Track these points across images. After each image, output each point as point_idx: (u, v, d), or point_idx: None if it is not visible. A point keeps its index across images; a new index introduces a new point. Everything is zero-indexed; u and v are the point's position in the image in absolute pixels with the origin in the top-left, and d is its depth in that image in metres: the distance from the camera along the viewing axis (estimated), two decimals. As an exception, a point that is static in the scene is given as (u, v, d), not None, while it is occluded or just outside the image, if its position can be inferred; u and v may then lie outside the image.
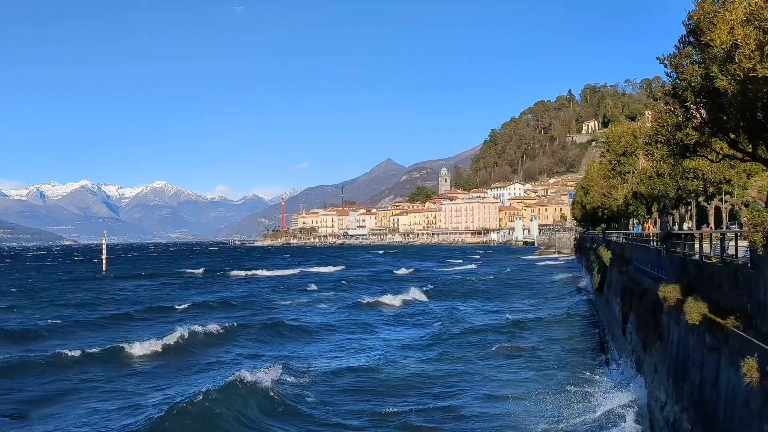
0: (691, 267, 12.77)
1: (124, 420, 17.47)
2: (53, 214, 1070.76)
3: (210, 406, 17.64)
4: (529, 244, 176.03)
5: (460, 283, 61.22)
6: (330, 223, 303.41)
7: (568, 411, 17.50)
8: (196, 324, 33.09)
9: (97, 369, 24.25)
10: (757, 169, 23.02)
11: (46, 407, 19.17)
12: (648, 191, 26.65)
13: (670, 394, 12.89)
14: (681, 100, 9.80)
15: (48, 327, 34.50)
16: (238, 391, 19.08)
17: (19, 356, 25.93)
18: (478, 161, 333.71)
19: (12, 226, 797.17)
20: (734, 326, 8.72)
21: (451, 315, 38.70)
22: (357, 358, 26.65)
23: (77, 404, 19.53)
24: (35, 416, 18.29)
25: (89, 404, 19.49)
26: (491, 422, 17.33)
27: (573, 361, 24.94)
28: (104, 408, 18.96)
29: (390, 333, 33.71)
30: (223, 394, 18.64)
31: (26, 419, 18.06)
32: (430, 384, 21.83)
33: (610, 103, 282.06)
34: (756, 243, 7.60)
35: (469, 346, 28.44)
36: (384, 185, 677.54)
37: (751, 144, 9.99)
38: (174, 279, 77.64)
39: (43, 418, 18.13)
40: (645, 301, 17.56)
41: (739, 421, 8.32)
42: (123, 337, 30.44)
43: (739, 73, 7.40)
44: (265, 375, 20.94)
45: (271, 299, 50.34)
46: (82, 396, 20.50)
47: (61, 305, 46.36)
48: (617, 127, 41.47)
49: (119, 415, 18.02)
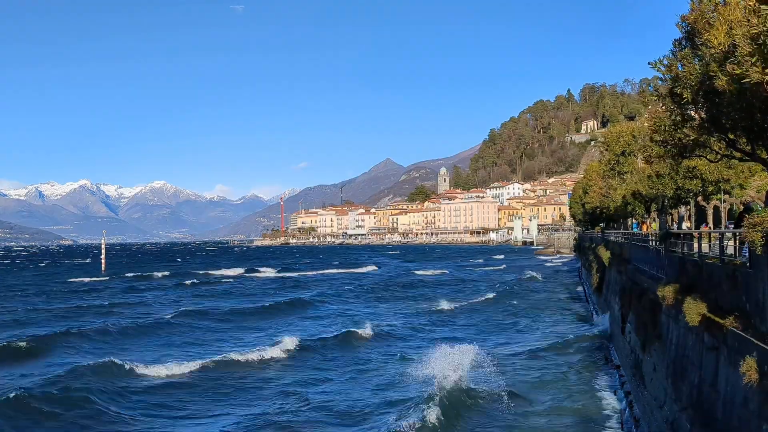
0: (689, 266, 12.77)
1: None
2: (52, 213, 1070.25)
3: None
4: (528, 243, 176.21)
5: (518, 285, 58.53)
6: (329, 223, 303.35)
7: None
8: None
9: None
10: (756, 169, 23.04)
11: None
12: (646, 191, 26.66)
13: (669, 393, 12.91)
14: (678, 99, 9.79)
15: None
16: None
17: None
18: (477, 161, 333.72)
19: (11, 226, 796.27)
20: (733, 326, 8.73)
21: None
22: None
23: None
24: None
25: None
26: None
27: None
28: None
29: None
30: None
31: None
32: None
33: (609, 103, 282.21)
34: (754, 243, 7.60)
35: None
36: (383, 185, 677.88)
37: (750, 144, 9.99)
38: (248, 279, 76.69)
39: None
40: (644, 300, 17.56)
41: (738, 420, 8.32)
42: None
43: (737, 73, 7.40)
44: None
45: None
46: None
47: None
48: (616, 127, 41.51)
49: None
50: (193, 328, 34.77)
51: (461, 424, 17.27)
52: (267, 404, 19.29)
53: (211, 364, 24.25)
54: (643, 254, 21.04)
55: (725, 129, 9.76)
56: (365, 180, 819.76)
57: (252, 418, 17.58)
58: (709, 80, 8.30)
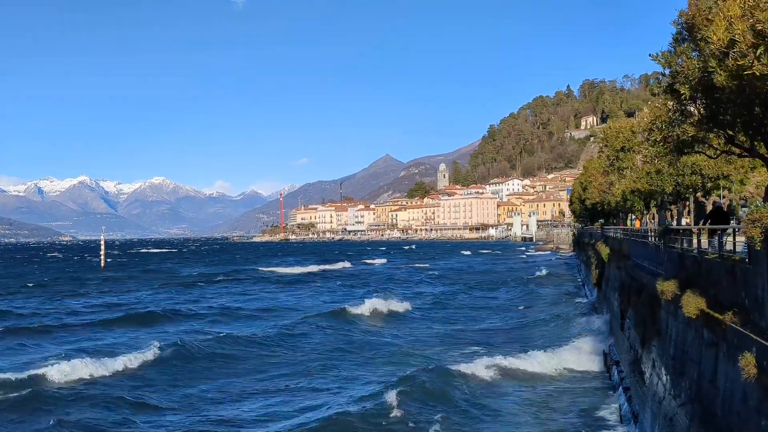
0: (689, 262, 12.77)
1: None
2: (51, 210, 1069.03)
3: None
4: (527, 239, 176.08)
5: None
6: (328, 219, 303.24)
7: None
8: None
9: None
10: (755, 165, 23.04)
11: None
12: (646, 187, 26.67)
13: (668, 389, 12.93)
14: (677, 95, 9.78)
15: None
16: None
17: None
18: (476, 157, 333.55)
19: (10, 222, 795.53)
20: (732, 321, 8.74)
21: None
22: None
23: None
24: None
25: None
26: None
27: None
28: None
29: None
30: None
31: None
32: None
33: (609, 99, 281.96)
34: (754, 239, 7.60)
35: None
36: (382, 181, 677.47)
37: (749, 140, 9.99)
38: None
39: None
40: (643, 296, 17.57)
41: (737, 415, 8.34)
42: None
43: (736, 69, 7.38)
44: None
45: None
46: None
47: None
48: (615, 123, 41.45)
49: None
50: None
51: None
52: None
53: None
54: (643, 250, 21.04)
55: (724, 125, 9.76)
56: (365, 176, 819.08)
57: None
58: (708, 76, 8.30)
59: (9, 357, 26.56)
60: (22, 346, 29.22)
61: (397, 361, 25.30)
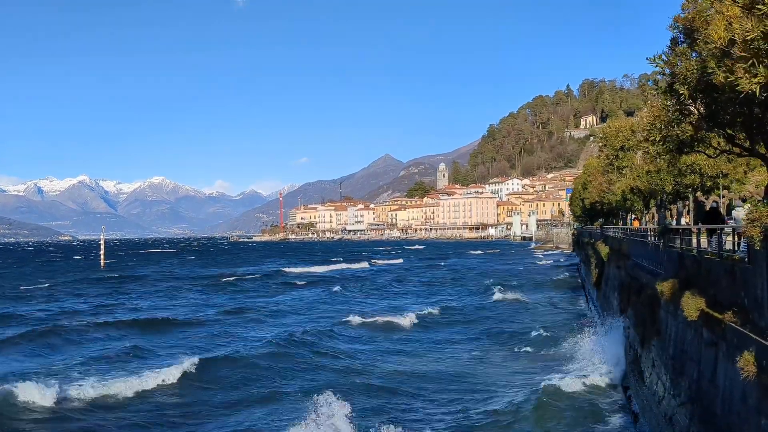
0: (688, 262, 12.78)
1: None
2: (51, 209, 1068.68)
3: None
4: (527, 239, 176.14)
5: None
6: (328, 219, 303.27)
7: None
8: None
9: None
10: (755, 164, 23.04)
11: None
12: (645, 186, 26.69)
13: (668, 388, 12.94)
14: (676, 95, 9.79)
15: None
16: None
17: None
18: (476, 156, 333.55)
19: (10, 221, 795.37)
20: (731, 321, 8.75)
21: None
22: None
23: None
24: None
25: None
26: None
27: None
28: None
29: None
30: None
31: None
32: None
33: (608, 98, 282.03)
34: (753, 238, 7.61)
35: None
36: (382, 180, 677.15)
37: (749, 139, 9.99)
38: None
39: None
40: (643, 296, 17.58)
41: (737, 415, 8.35)
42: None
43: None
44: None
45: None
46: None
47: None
48: (615, 122, 41.47)
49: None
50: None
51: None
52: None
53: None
54: (642, 250, 21.06)
55: (724, 124, 9.77)
56: (364, 175, 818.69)
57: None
58: (707, 76, 8.30)
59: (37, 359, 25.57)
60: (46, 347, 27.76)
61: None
